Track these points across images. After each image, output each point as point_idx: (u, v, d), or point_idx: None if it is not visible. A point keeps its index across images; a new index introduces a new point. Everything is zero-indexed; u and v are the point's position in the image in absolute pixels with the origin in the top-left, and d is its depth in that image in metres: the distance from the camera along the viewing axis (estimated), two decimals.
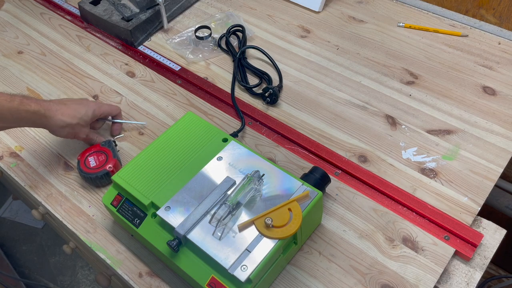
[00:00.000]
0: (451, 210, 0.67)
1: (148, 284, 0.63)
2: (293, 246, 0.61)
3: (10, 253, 1.66)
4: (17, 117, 0.64)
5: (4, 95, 0.63)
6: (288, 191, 0.59)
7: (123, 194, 0.64)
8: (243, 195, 0.58)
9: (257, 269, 0.53)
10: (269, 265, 0.56)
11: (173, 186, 0.61)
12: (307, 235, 0.64)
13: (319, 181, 0.64)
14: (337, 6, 1.00)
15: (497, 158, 0.72)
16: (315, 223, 0.65)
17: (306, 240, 0.65)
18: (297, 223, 0.55)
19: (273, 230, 0.55)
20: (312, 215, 0.60)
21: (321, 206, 0.63)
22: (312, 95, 0.84)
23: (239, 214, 0.57)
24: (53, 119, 0.68)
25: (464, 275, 0.62)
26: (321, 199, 0.60)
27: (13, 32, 1.03)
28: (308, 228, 0.63)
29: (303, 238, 0.63)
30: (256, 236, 0.55)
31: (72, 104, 0.71)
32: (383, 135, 0.76)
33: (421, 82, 0.83)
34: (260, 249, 0.54)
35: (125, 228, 0.68)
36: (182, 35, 0.96)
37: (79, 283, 1.58)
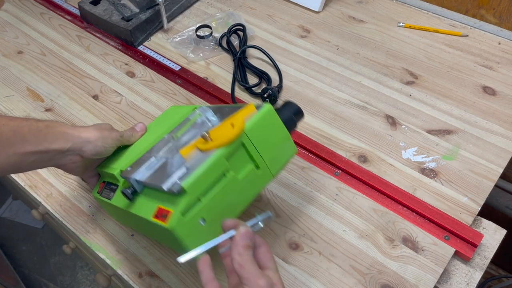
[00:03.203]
0: (451, 210, 0.67)
1: (148, 284, 0.63)
2: (251, 168, 0.54)
3: (10, 253, 1.66)
4: (39, 136, 0.56)
5: (19, 117, 0.58)
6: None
7: (104, 179, 0.64)
8: (191, 128, 0.56)
9: (192, 178, 0.49)
10: (210, 177, 0.51)
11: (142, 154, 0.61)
12: (273, 161, 0.56)
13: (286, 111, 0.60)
14: (337, 6, 1.00)
15: (497, 158, 0.72)
16: (279, 146, 0.57)
17: (277, 170, 0.57)
18: (236, 130, 0.51)
19: (211, 142, 0.52)
20: (265, 130, 0.55)
21: (279, 123, 0.56)
22: (312, 95, 0.83)
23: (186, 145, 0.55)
24: (77, 129, 0.59)
25: (464, 275, 0.62)
26: (273, 112, 0.55)
27: (13, 32, 1.03)
28: (268, 148, 0.56)
29: (268, 164, 0.56)
30: (197, 155, 0.52)
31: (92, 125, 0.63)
32: (383, 135, 0.76)
33: (421, 82, 0.83)
34: (198, 163, 0.51)
35: (107, 210, 0.68)
36: (183, 34, 0.96)
37: (79, 283, 1.58)
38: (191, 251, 0.46)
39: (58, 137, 0.57)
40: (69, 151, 0.58)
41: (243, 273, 0.42)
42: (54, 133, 0.57)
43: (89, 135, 0.58)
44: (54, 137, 0.56)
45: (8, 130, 0.54)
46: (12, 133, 0.54)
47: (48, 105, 0.87)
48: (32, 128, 0.55)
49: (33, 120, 0.57)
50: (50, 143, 0.56)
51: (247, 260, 0.43)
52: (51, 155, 0.57)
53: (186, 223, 0.49)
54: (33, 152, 0.55)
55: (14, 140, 0.54)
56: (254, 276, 0.42)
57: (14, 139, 0.54)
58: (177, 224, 0.49)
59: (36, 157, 0.55)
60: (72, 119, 0.84)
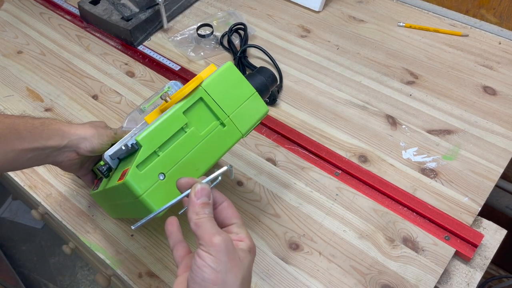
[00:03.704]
0: (451, 210, 0.66)
1: (148, 284, 0.63)
2: (217, 126, 0.54)
3: (10, 253, 1.66)
4: (35, 133, 0.56)
5: (13, 115, 0.58)
6: None
7: (99, 177, 0.64)
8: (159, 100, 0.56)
9: (146, 132, 0.49)
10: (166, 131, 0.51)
11: None
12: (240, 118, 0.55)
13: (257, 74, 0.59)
14: (337, 6, 1.00)
15: (497, 158, 0.71)
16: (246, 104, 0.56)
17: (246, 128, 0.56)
18: (192, 84, 0.51)
19: (169, 101, 0.52)
20: (225, 85, 0.55)
21: (242, 79, 0.56)
22: (312, 95, 0.83)
23: None
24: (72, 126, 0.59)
25: (465, 275, 0.62)
26: (233, 68, 0.55)
27: (13, 32, 1.03)
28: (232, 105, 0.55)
29: (234, 121, 0.55)
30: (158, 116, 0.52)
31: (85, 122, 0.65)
32: (384, 135, 0.76)
33: (421, 82, 0.83)
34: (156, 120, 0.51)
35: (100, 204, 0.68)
36: (183, 33, 0.96)
37: (79, 284, 1.57)
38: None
39: (54, 134, 0.57)
40: (65, 148, 0.58)
41: (199, 232, 0.39)
42: (50, 130, 0.57)
43: (85, 132, 0.59)
44: (50, 134, 0.57)
45: (3, 127, 0.54)
46: (8, 130, 0.54)
47: (48, 105, 0.87)
48: (28, 125, 0.56)
49: (28, 117, 0.57)
50: (46, 140, 0.56)
51: (204, 218, 0.40)
52: (47, 152, 0.57)
53: (142, 175, 0.48)
54: (29, 149, 0.55)
55: (10, 137, 0.54)
56: (209, 235, 0.39)
57: (10, 135, 0.54)
58: (131, 177, 0.48)
59: (33, 154, 0.56)
60: (72, 119, 0.84)
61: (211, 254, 0.38)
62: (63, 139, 0.57)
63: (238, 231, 0.43)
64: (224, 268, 0.38)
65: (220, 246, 0.38)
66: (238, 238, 0.42)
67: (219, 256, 0.38)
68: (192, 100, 0.53)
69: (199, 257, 0.38)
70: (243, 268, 0.39)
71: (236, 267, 0.39)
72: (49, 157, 0.58)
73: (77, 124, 0.61)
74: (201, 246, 0.38)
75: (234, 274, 0.38)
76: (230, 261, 0.38)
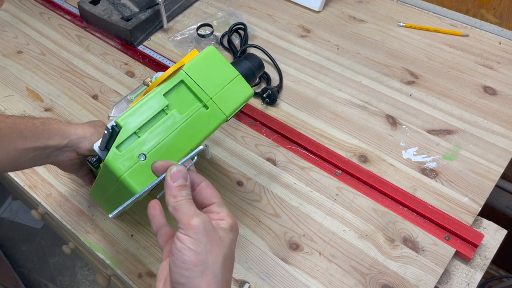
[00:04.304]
0: (451, 210, 0.66)
1: (148, 284, 0.63)
2: (200, 108, 0.54)
3: (10, 253, 1.66)
4: (36, 133, 0.56)
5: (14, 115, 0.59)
6: None
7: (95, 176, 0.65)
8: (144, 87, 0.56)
9: (126, 114, 0.49)
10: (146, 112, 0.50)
11: None
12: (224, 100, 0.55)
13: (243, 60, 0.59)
14: (337, 6, 1.00)
15: (497, 158, 0.71)
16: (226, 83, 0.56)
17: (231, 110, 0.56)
18: (173, 68, 0.51)
19: (151, 85, 0.52)
20: (207, 68, 0.55)
21: (224, 62, 0.57)
22: (312, 95, 0.83)
23: None
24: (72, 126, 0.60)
25: (465, 275, 0.62)
26: (214, 51, 0.56)
27: (13, 32, 1.03)
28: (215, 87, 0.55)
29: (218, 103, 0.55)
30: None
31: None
32: (384, 135, 0.76)
33: (421, 82, 0.83)
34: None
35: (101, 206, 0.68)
36: (183, 33, 0.96)
37: (79, 284, 1.57)
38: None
39: (54, 134, 0.57)
40: (66, 148, 0.58)
41: (177, 216, 0.39)
42: (50, 129, 0.58)
43: (84, 131, 0.60)
44: (51, 133, 0.57)
45: (5, 127, 0.54)
46: (10, 129, 0.54)
47: (48, 105, 0.87)
48: (29, 125, 0.56)
49: (28, 117, 0.58)
50: (47, 139, 0.57)
51: (181, 201, 0.40)
52: (48, 152, 0.58)
53: (121, 156, 0.48)
54: (31, 149, 0.55)
55: (13, 136, 0.54)
56: (187, 217, 0.38)
57: (13, 135, 0.54)
58: (112, 157, 0.48)
59: (34, 154, 0.56)
60: (72, 119, 0.84)
61: (190, 236, 0.37)
62: (64, 139, 0.58)
63: (218, 210, 0.42)
64: (204, 249, 0.37)
65: (199, 228, 0.38)
66: (219, 217, 0.42)
67: (198, 238, 0.37)
68: (173, 83, 0.53)
69: (178, 240, 0.38)
70: (224, 247, 0.39)
71: (217, 246, 0.38)
72: (50, 157, 0.59)
73: (76, 124, 0.61)
74: (180, 230, 0.38)
75: (215, 255, 0.38)
76: (210, 242, 0.38)
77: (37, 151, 0.56)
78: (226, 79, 0.57)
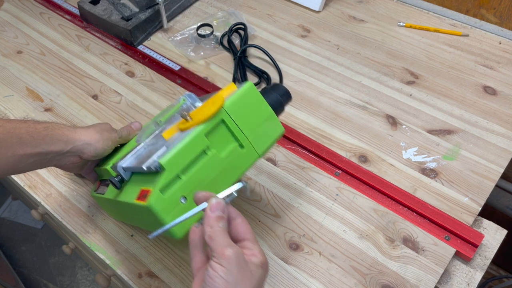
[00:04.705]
0: (451, 210, 0.66)
1: (148, 284, 0.63)
2: (235, 146, 0.53)
3: (10, 253, 1.66)
4: (37, 138, 0.55)
5: (16, 119, 0.57)
6: None
7: (101, 178, 0.64)
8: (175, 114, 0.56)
9: (169, 155, 0.48)
10: (189, 154, 0.50)
11: None
12: (258, 139, 0.55)
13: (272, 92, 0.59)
14: (337, 6, 1.00)
15: (497, 158, 0.71)
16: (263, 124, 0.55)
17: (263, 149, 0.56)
18: (214, 106, 0.50)
19: (191, 121, 0.51)
20: (246, 107, 0.54)
21: (261, 100, 0.55)
22: (312, 95, 0.83)
23: None
24: (80, 130, 0.59)
25: (465, 275, 0.62)
26: (254, 89, 0.54)
27: (13, 32, 1.03)
28: (252, 127, 0.54)
29: (252, 142, 0.54)
30: (178, 135, 0.52)
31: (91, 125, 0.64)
32: (384, 135, 0.76)
33: (421, 82, 0.83)
34: (177, 141, 0.50)
35: (104, 208, 0.68)
36: (183, 33, 0.96)
37: (79, 284, 1.57)
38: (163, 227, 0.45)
39: (57, 139, 0.57)
40: (68, 153, 0.58)
41: (212, 245, 0.41)
42: (53, 135, 0.57)
43: (90, 137, 0.59)
44: (53, 139, 0.56)
45: (4, 132, 0.53)
46: (9, 134, 0.53)
47: (48, 105, 0.87)
48: (30, 130, 0.55)
49: (32, 122, 0.57)
50: (49, 145, 0.56)
51: (217, 231, 0.41)
52: (50, 157, 0.57)
53: (166, 200, 0.48)
54: (31, 154, 0.55)
55: (11, 141, 0.53)
56: (221, 247, 0.40)
57: (11, 140, 0.53)
58: (155, 201, 0.48)
59: (35, 159, 0.56)
60: (72, 119, 0.84)
61: (223, 265, 0.39)
62: (67, 145, 0.57)
63: (251, 246, 0.44)
64: (235, 280, 0.39)
65: (231, 258, 0.39)
66: (251, 253, 0.43)
67: (230, 268, 0.39)
68: (214, 122, 0.51)
69: (211, 268, 0.39)
70: (254, 280, 0.41)
71: (247, 279, 0.40)
72: (51, 161, 0.58)
73: (81, 129, 0.60)
74: (213, 258, 0.40)
75: (244, 286, 0.40)
76: (241, 273, 0.40)
77: (37, 156, 0.56)
78: (261, 117, 0.56)
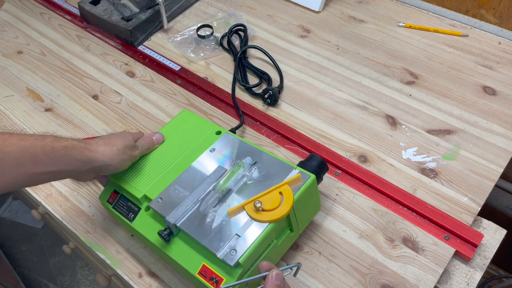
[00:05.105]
0: (451, 210, 0.67)
1: (148, 284, 0.63)
2: (288, 233, 0.59)
3: (10, 253, 1.66)
4: (53, 157, 0.52)
5: (36, 135, 0.53)
6: (280, 176, 0.57)
7: (118, 190, 0.64)
8: (234, 181, 0.57)
9: (246, 253, 0.51)
10: (260, 249, 0.54)
11: (166, 179, 0.61)
12: (304, 223, 0.62)
13: (315, 168, 0.63)
14: (337, 6, 1.00)
15: (497, 158, 0.72)
16: (311, 209, 0.62)
17: (303, 228, 0.62)
18: (287, 205, 0.53)
19: (263, 213, 0.53)
20: (306, 199, 0.58)
21: (316, 190, 0.61)
22: (312, 95, 0.83)
23: (230, 201, 0.56)
24: (99, 149, 0.57)
25: (464, 275, 0.62)
26: (315, 183, 0.58)
27: (13, 32, 1.03)
28: (304, 214, 0.60)
29: (299, 226, 0.60)
30: (247, 221, 0.54)
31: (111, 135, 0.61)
32: (383, 135, 0.76)
33: (421, 82, 0.83)
34: (250, 234, 0.53)
35: (121, 225, 0.68)
36: (183, 34, 0.96)
37: (79, 283, 1.57)
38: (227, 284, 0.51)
39: (75, 160, 0.54)
40: (86, 171, 0.57)
41: None
42: (71, 155, 0.54)
43: (111, 158, 0.57)
44: (71, 159, 0.54)
45: (17, 150, 0.50)
46: (22, 153, 0.51)
47: (48, 105, 0.87)
48: (47, 149, 0.52)
49: (50, 139, 0.53)
50: (66, 165, 0.54)
51: None
52: (65, 174, 0.56)
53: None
54: (44, 173, 0.53)
55: (24, 160, 0.51)
56: None
57: (24, 159, 0.51)
58: None
59: (48, 176, 0.54)
60: (72, 119, 0.84)
61: None
62: (86, 165, 0.56)
63: None
64: None
65: None
66: None
67: None
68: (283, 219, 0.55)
69: None
70: None
71: None
72: (66, 177, 0.57)
73: (102, 146, 0.57)
74: None
75: None
76: None
77: (51, 174, 0.53)
78: (312, 205, 0.62)
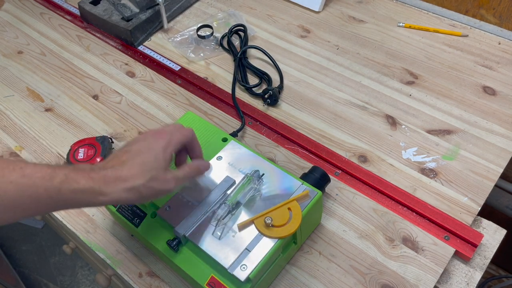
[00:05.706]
0: (451, 210, 0.67)
1: (148, 284, 0.63)
2: (292, 245, 0.61)
3: (10, 253, 1.66)
4: (59, 200, 0.45)
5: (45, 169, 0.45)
6: (287, 191, 0.59)
7: None
8: (243, 195, 0.58)
9: (256, 268, 0.53)
10: (268, 264, 0.56)
11: None
12: (306, 235, 0.64)
13: (318, 180, 0.64)
14: (337, 6, 1.00)
15: (497, 158, 0.72)
16: (314, 222, 0.65)
17: (305, 239, 0.65)
18: (296, 222, 0.55)
19: (273, 229, 0.55)
20: (312, 214, 0.60)
21: (321, 206, 0.63)
22: (312, 95, 0.83)
23: (239, 213, 0.57)
24: (113, 194, 0.47)
25: (464, 275, 0.62)
26: (321, 199, 0.60)
27: (13, 32, 1.03)
28: (308, 228, 0.63)
29: (302, 238, 0.63)
30: (256, 236, 0.55)
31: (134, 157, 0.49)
32: (383, 135, 0.76)
33: (421, 82, 0.83)
34: (260, 249, 0.54)
35: (125, 227, 0.68)
36: (183, 34, 0.96)
37: (79, 283, 1.58)
38: None
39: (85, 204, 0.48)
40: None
41: None
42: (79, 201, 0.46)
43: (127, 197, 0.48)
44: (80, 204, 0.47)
45: (15, 190, 0.43)
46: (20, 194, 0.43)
47: (48, 105, 0.87)
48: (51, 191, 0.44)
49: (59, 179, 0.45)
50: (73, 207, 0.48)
51: None
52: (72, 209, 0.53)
53: None
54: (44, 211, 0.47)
55: (23, 202, 0.44)
56: None
57: (23, 200, 0.44)
58: None
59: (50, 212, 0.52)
60: (72, 119, 0.84)
61: None
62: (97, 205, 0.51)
63: None
64: None
65: None
66: None
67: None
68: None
69: None
70: None
71: None
72: None
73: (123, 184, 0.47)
74: None
75: None
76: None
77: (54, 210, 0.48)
78: (316, 219, 0.65)
